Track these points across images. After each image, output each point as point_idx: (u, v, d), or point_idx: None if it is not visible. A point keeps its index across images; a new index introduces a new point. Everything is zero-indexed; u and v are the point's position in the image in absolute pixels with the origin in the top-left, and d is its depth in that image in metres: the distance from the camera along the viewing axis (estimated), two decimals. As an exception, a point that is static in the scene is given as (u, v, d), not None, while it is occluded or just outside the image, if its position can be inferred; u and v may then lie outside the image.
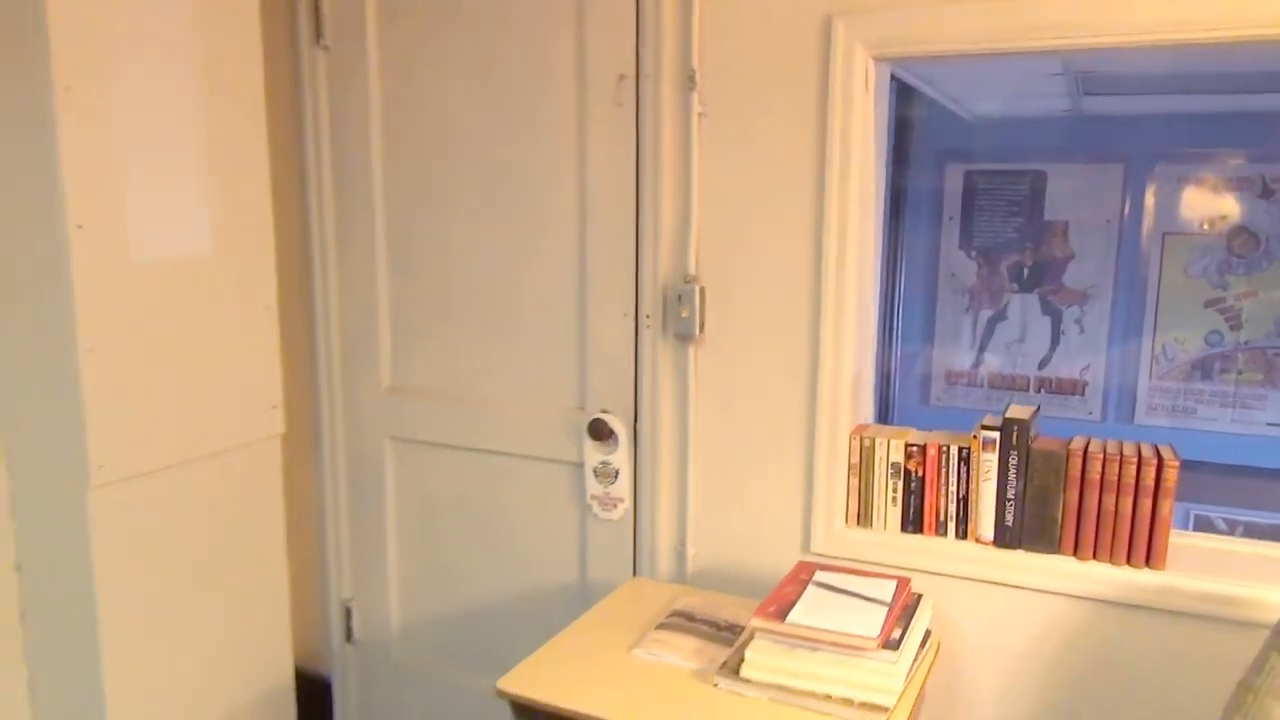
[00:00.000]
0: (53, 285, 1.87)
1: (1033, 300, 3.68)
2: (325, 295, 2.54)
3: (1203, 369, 3.59)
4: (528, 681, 1.73)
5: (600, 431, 2.26)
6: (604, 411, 2.27)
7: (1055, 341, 3.71)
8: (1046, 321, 3.68)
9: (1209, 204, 3.43)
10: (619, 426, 2.25)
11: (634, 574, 2.29)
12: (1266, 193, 3.43)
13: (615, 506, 2.31)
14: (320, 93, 2.44)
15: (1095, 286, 3.59)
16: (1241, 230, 3.44)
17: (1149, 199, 3.54)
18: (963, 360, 3.87)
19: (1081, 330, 3.69)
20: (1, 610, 2.08)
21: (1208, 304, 3.49)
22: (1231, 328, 3.53)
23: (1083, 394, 3.72)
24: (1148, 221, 3.52)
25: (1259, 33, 1.70)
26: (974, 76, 3.30)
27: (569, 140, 2.21)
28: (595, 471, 2.30)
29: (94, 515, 1.97)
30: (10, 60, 1.81)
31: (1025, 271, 3.67)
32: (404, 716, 2.67)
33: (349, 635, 2.69)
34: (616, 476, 2.29)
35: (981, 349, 3.84)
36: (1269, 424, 3.56)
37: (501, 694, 1.71)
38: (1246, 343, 3.51)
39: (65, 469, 1.96)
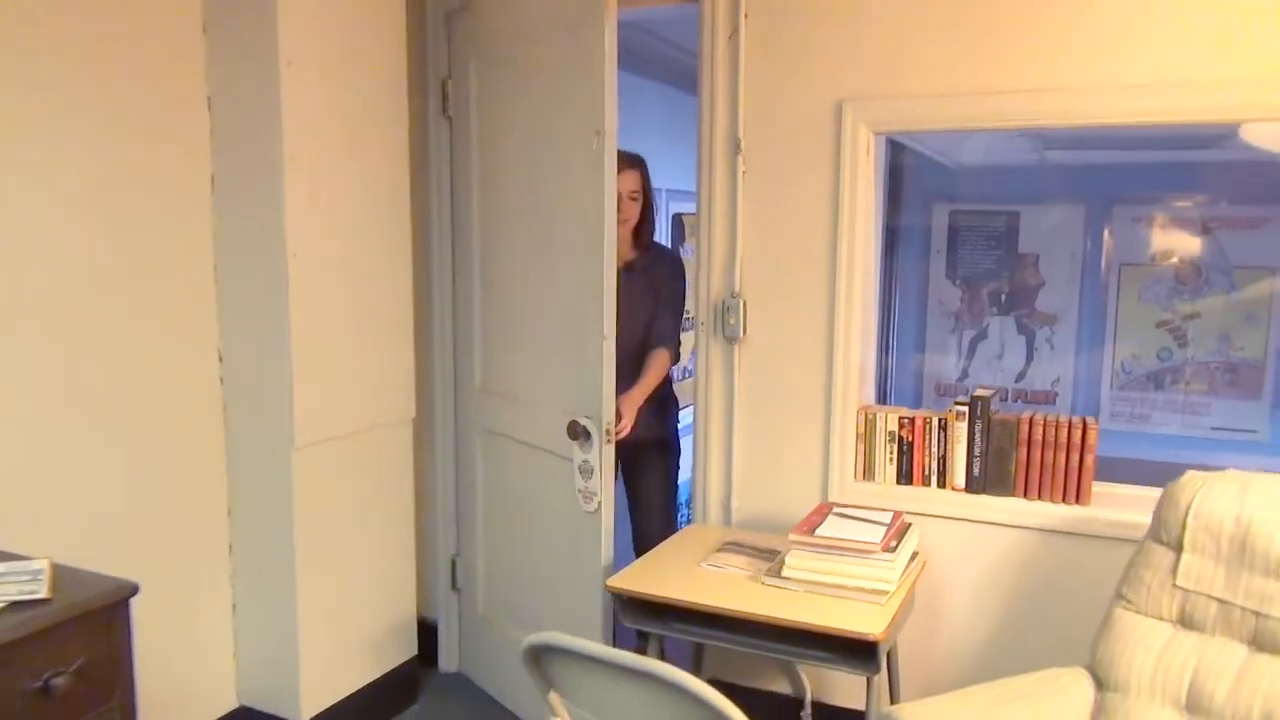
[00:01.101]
0: (275, 296, 2.56)
1: (1009, 322, 4.12)
2: (441, 311, 3.21)
3: (1156, 380, 4.03)
4: (629, 581, 2.40)
5: (575, 431, 2.59)
6: (587, 417, 2.58)
7: (1030, 358, 4.14)
8: (1022, 341, 4.13)
9: (1158, 240, 3.91)
10: (593, 428, 2.57)
11: (689, 522, 2.96)
12: (1205, 231, 3.96)
13: (591, 499, 2.61)
14: (443, 151, 3.14)
15: (1063, 310, 4.03)
16: (1185, 262, 3.94)
17: (1107, 235, 4.00)
18: (950, 375, 4.34)
19: (1052, 348, 4.12)
20: (213, 546, 2.74)
21: (1159, 325, 3.92)
22: (1179, 345, 3.98)
23: (1054, 403, 4.12)
24: (1106, 254, 3.99)
25: (1184, 119, 2.40)
26: (954, 137, 3.91)
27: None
28: (579, 469, 2.63)
29: (296, 471, 2.65)
30: (256, 139, 2.52)
31: (1003, 297, 4.11)
32: (487, 655, 3.29)
33: (454, 583, 3.34)
34: (592, 473, 2.60)
35: (966, 365, 4.34)
36: (1213, 428, 4.01)
37: (610, 589, 2.38)
38: (1193, 358, 3.97)
39: (276, 434, 2.63)
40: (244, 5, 2.48)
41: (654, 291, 3.12)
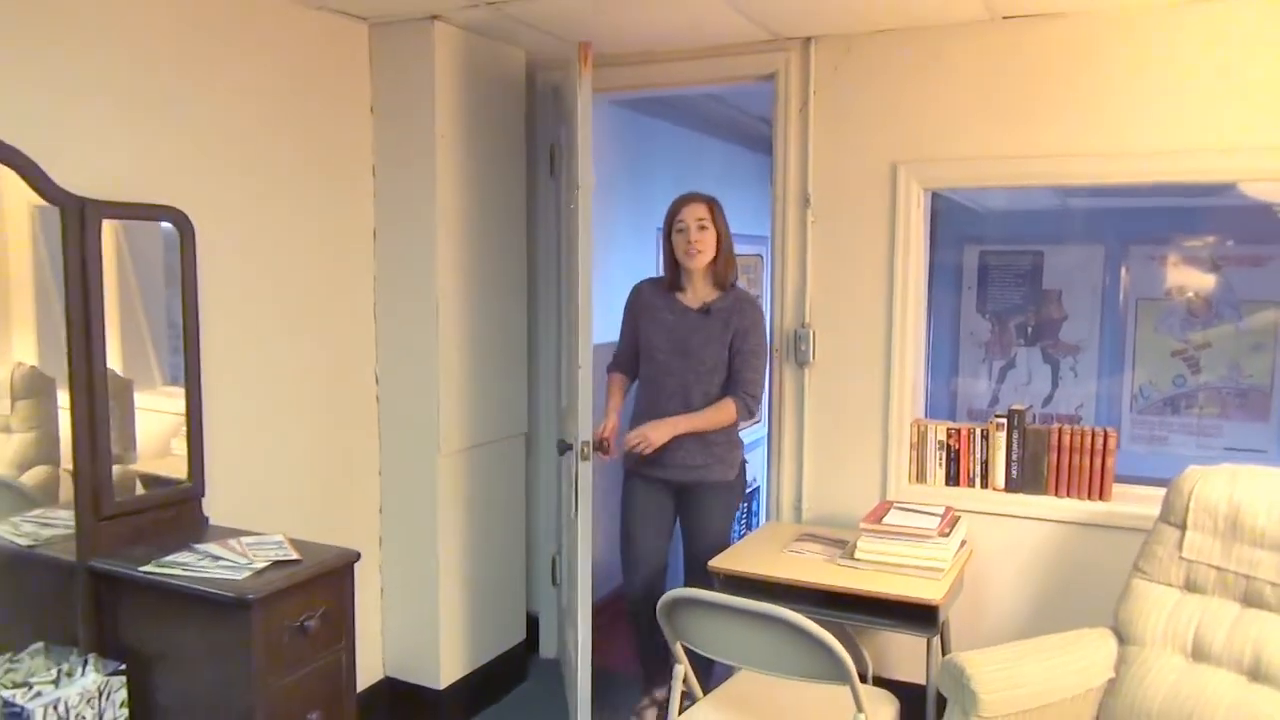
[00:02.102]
0: (426, 327, 3.10)
1: (1035, 352, 4.36)
2: (546, 342, 3.73)
3: (1172, 405, 4.32)
4: (727, 562, 2.89)
5: (562, 448, 3.11)
6: (575, 437, 2.93)
7: (1055, 385, 4.43)
8: (1047, 369, 4.35)
9: (1171, 277, 4.18)
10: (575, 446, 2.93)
11: (767, 520, 3.45)
12: (1214, 268, 4.33)
13: (570, 509, 2.93)
14: (550, 206, 3.67)
15: (1085, 341, 4.28)
16: (1197, 296, 4.31)
17: (1124, 273, 4.29)
18: (981, 400, 4.73)
19: (1076, 375, 4.41)
20: (367, 539, 3.24)
21: (1173, 354, 4.16)
22: (1193, 372, 4.28)
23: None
24: (1124, 290, 4.25)
25: (1186, 179, 2.96)
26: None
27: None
28: (570, 481, 2.98)
29: (440, 475, 3.16)
30: (413, 199, 3.06)
31: (1029, 329, 4.36)
32: (564, 646, 3.74)
33: (554, 579, 3.83)
34: (572, 486, 2.93)
35: (996, 392, 4.74)
36: (1226, 448, 4.32)
37: (713, 569, 2.87)
38: (1205, 384, 4.30)
39: (423, 442, 3.15)
40: (407, 90, 3.05)
41: (731, 338, 3.09)
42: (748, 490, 6.23)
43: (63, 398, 2.29)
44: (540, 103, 3.65)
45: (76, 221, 2.17)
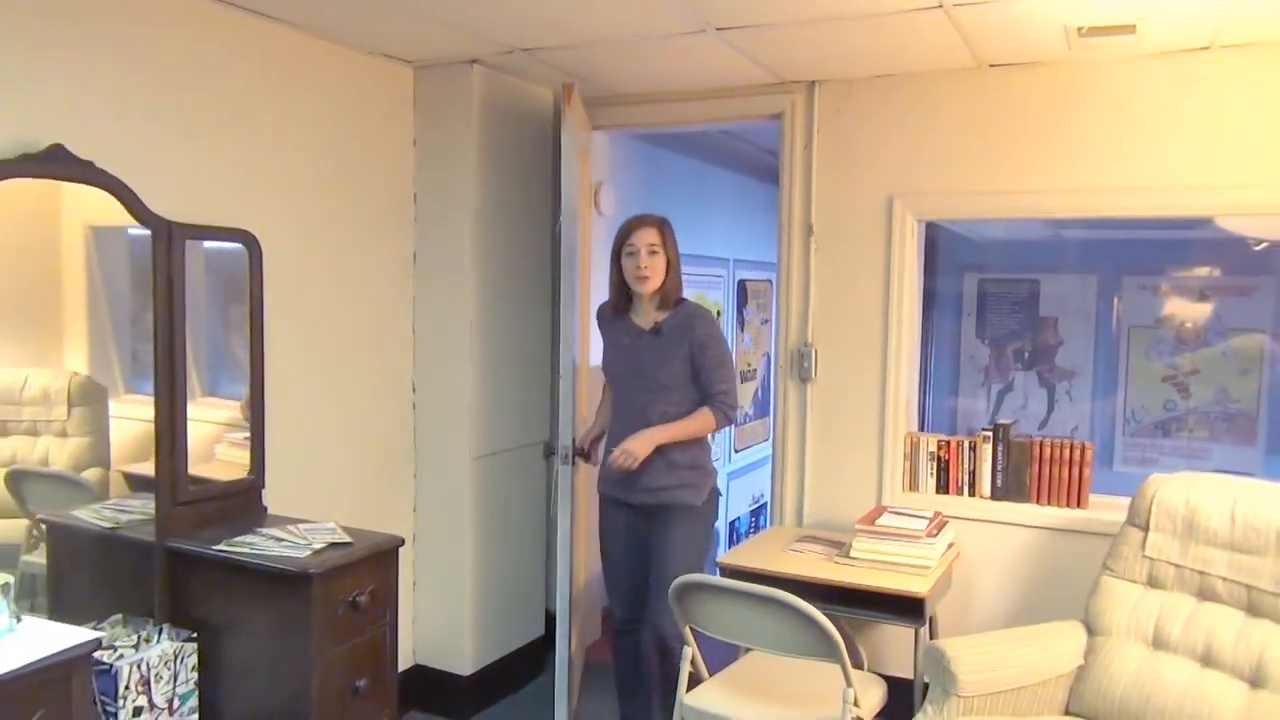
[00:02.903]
0: (460, 341, 3.39)
1: (1032, 376, 4.60)
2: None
3: (1163, 428, 4.51)
4: (735, 559, 3.16)
5: (545, 451, 3.48)
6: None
7: (1051, 408, 4.58)
8: (1043, 393, 4.59)
9: (1162, 305, 4.40)
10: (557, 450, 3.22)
11: (771, 524, 3.72)
12: (1202, 297, 4.55)
13: (552, 508, 3.28)
14: (573, 232, 3.97)
15: (1080, 366, 4.52)
16: (1185, 324, 4.46)
17: (1117, 301, 4.48)
18: (980, 421, 4.90)
19: (1070, 399, 4.56)
20: (402, 534, 3.50)
21: (1164, 379, 4.37)
22: (1182, 397, 4.45)
23: (1072, 449, 4.76)
24: (1117, 317, 4.46)
25: (1165, 213, 3.24)
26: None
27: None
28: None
29: (471, 478, 3.44)
30: (452, 225, 3.37)
31: (1026, 354, 4.61)
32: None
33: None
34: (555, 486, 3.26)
35: (994, 414, 4.97)
36: (1214, 470, 4.57)
37: (721, 564, 3.13)
38: (1194, 408, 4.49)
39: (456, 447, 3.44)
40: (447, 126, 3.36)
41: (690, 353, 3.01)
42: (754, 505, 6.51)
43: (114, 406, 2.57)
44: (566, 136, 3.96)
45: (164, 243, 2.47)
